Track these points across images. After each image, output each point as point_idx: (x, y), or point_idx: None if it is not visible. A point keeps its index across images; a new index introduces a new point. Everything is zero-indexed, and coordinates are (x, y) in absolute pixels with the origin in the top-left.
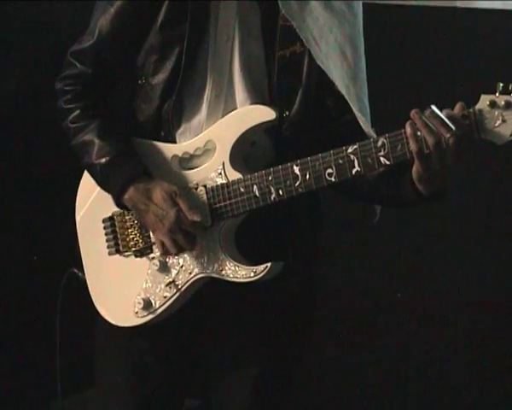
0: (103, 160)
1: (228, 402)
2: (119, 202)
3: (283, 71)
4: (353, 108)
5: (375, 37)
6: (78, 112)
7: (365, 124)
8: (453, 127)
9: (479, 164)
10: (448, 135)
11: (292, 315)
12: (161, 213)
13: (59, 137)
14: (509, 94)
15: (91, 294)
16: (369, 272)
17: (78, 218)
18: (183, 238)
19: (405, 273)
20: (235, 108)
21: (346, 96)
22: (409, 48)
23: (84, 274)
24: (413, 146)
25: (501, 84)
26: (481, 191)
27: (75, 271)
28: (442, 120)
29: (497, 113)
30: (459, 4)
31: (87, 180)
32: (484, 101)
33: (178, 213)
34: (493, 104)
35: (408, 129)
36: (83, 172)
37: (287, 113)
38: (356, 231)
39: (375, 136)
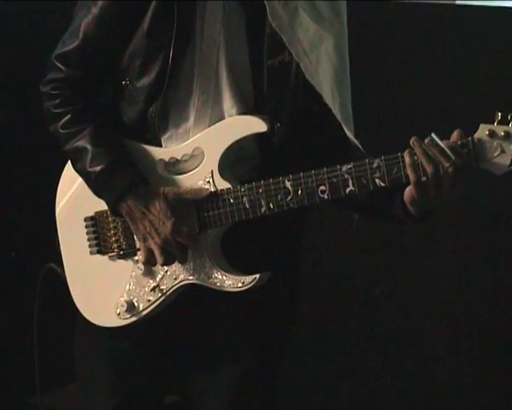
0: (98, 168)
1: (209, 400)
2: (114, 208)
3: (273, 81)
4: (338, 117)
5: (372, 33)
6: (68, 117)
7: (349, 131)
8: (453, 157)
9: None
10: (447, 164)
11: (273, 317)
12: (158, 222)
13: (38, 129)
14: (508, 124)
15: (71, 291)
16: (355, 268)
17: (57, 209)
18: (177, 249)
19: (391, 269)
20: (222, 115)
21: (332, 106)
22: (407, 45)
23: (62, 269)
24: (411, 175)
25: (499, 114)
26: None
27: (53, 266)
28: (442, 149)
29: (495, 143)
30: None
31: (69, 172)
32: (483, 130)
33: (175, 224)
34: (492, 134)
35: (407, 158)
36: (58, 163)
37: (278, 124)
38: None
39: (358, 143)
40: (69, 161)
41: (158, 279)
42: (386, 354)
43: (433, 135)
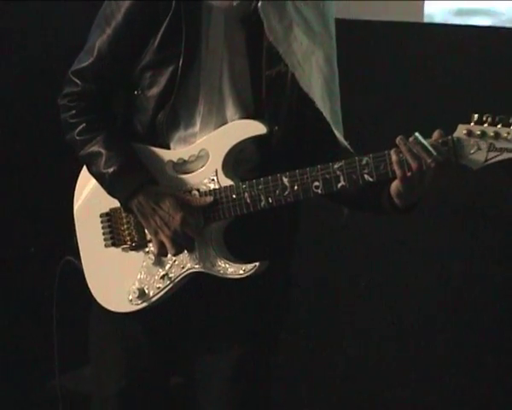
0: (111, 169)
1: (210, 381)
2: (126, 205)
3: (270, 89)
4: (329, 121)
5: (352, 52)
6: (83, 125)
7: (340, 135)
8: (434, 153)
9: None
10: (430, 160)
11: (269, 304)
12: (168, 217)
13: (55, 130)
14: (483, 124)
15: (88, 281)
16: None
17: (75, 207)
18: (186, 240)
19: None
20: (225, 121)
21: (323, 111)
22: (384, 62)
23: (79, 261)
24: (397, 171)
25: (475, 115)
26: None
27: (70, 258)
28: (425, 146)
29: (472, 141)
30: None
31: (85, 175)
32: (461, 130)
33: (184, 218)
34: (469, 133)
35: (393, 156)
36: (77, 164)
37: (276, 127)
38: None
39: (347, 144)
40: (84, 166)
41: (167, 268)
42: (379, 350)
43: (417, 134)
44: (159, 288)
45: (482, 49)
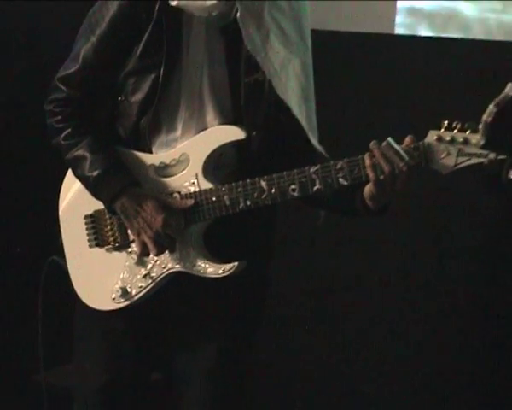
0: (96, 172)
1: (189, 377)
2: (110, 207)
3: (249, 96)
4: (305, 127)
5: (327, 61)
6: (69, 130)
7: (315, 141)
8: (406, 158)
9: None
10: (402, 164)
11: (246, 302)
12: (150, 218)
13: (40, 132)
14: (452, 130)
15: (72, 280)
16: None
17: (60, 209)
18: (167, 241)
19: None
20: (206, 126)
21: (300, 117)
22: (356, 73)
23: (64, 261)
24: (371, 174)
25: (445, 122)
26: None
27: (56, 258)
28: (397, 151)
29: (442, 146)
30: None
31: (70, 178)
32: (432, 135)
33: (165, 219)
34: (440, 139)
35: (367, 160)
36: (63, 166)
37: (254, 133)
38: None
39: (322, 149)
40: (70, 169)
41: (149, 268)
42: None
43: (390, 139)
44: (141, 287)
45: (452, 59)
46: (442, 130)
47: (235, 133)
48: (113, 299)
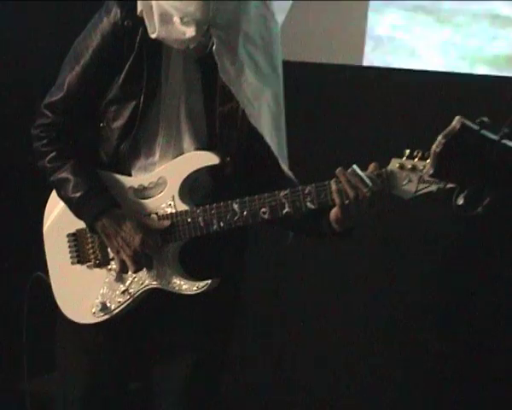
0: (78, 194)
1: (166, 386)
2: (91, 227)
3: (223, 124)
4: (276, 154)
5: (298, 91)
6: (54, 154)
7: (285, 167)
8: (370, 184)
9: None
10: (366, 190)
11: (219, 317)
12: (129, 238)
13: (26, 151)
14: (414, 159)
15: (55, 294)
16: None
17: (45, 228)
18: (145, 259)
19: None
20: (182, 151)
21: (271, 145)
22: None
23: (47, 277)
24: (336, 199)
25: (407, 151)
26: None
27: (40, 274)
28: (361, 178)
29: (404, 174)
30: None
31: (54, 198)
32: (394, 163)
33: (143, 239)
34: (402, 166)
35: (333, 185)
36: (47, 187)
37: (228, 158)
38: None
39: (291, 175)
40: (54, 190)
41: (127, 284)
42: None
43: (355, 166)
44: (119, 302)
45: (416, 90)
46: (404, 158)
47: (209, 159)
48: (94, 313)
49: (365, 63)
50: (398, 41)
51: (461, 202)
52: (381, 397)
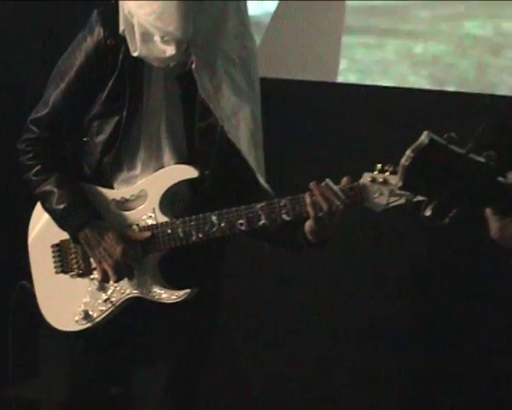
0: (62, 206)
1: (145, 391)
2: (75, 237)
3: (202, 139)
4: (254, 168)
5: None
6: (39, 167)
7: (262, 180)
8: (343, 197)
9: None
10: (338, 203)
11: (197, 324)
12: (110, 248)
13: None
14: (385, 173)
15: (39, 303)
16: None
17: (30, 239)
18: (126, 269)
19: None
20: (163, 165)
21: (249, 159)
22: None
23: (33, 286)
24: (310, 211)
25: (378, 165)
26: None
27: (25, 283)
28: (335, 191)
29: (376, 187)
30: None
31: (39, 210)
32: (366, 177)
33: (124, 249)
34: (373, 180)
35: (307, 198)
36: (32, 199)
37: (206, 172)
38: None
39: (268, 188)
40: (39, 202)
41: (109, 293)
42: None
43: (328, 180)
44: (102, 310)
45: (388, 105)
46: (375, 172)
47: (189, 172)
48: (76, 321)
49: (340, 80)
50: (372, 59)
51: (429, 213)
52: (361, 397)
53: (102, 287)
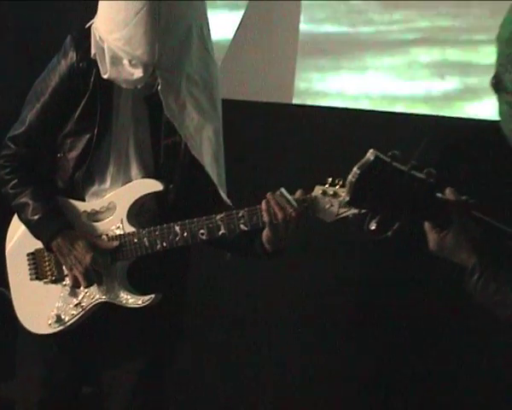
0: (36, 217)
1: (115, 391)
2: (48, 246)
3: (167, 155)
4: (216, 183)
5: (233, 127)
6: (16, 181)
7: (223, 194)
8: (295, 205)
9: None
10: (291, 210)
11: (163, 329)
12: (81, 256)
13: None
14: (335, 186)
15: (15, 307)
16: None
17: (7, 248)
18: (96, 276)
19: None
20: (130, 179)
21: (211, 175)
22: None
23: (9, 292)
24: (266, 218)
25: (329, 179)
26: None
27: (2, 289)
28: (288, 199)
29: (326, 199)
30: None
31: (16, 221)
32: (318, 190)
33: (94, 257)
34: (324, 193)
35: (263, 206)
36: (9, 211)
37: (171, 186)
38: None
39: (229, 202)
40: (16, 213)
41: (80, 298)
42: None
43: (282, 189)
44: (73, 314)
45: (340, 125)
46: (327, 185)
47: (154, 186)
48: (50, 324)
49: (295, 102)
50: (327, 82)
51: (373, 226)
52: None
53: (74, 292)
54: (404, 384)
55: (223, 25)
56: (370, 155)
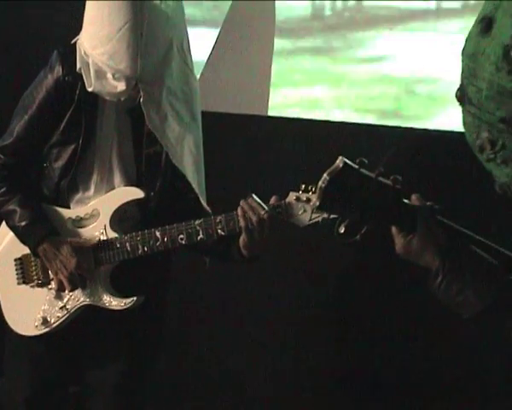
0: (23, 223)
1: (99, 390)
2: (34, 251)
3: (149, 164)
4: (197, 191)
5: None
6: (4, 189)
7: (203, 201)
8: (266, 207)
9: None
10: (263, 212)
11: (145, 331)
12: (66, 261)
13: None
14: (308, 192)
15: (3, 310)
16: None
17: None
18: (80, 280)
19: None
20: (113, 187)
21: (192, 183)
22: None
23: None
24: (242, 223)
25: (303, 185)
26: None
27: None
28: (259, 203)
29: (300, 205)
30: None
31: (4, 228)
32: (291, 196)
33: (78, 262)
34: (298, 199)
35: (239, 212)
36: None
37: (152, 193)
38: None
39: (209, 209)
40: (4, 220)
41: (65, 301)
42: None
43: (253, 195)
44: (58, 317)
45: (315, 136)
46: (300, 191)
47: (136, 193)
48: (36, 326)
49: (270, 113)
50: (302, 94)
51: (342, 230)
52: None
53: (59, 296)
54: (401, 383)
55: (201, 41)
56: (339, 161)
